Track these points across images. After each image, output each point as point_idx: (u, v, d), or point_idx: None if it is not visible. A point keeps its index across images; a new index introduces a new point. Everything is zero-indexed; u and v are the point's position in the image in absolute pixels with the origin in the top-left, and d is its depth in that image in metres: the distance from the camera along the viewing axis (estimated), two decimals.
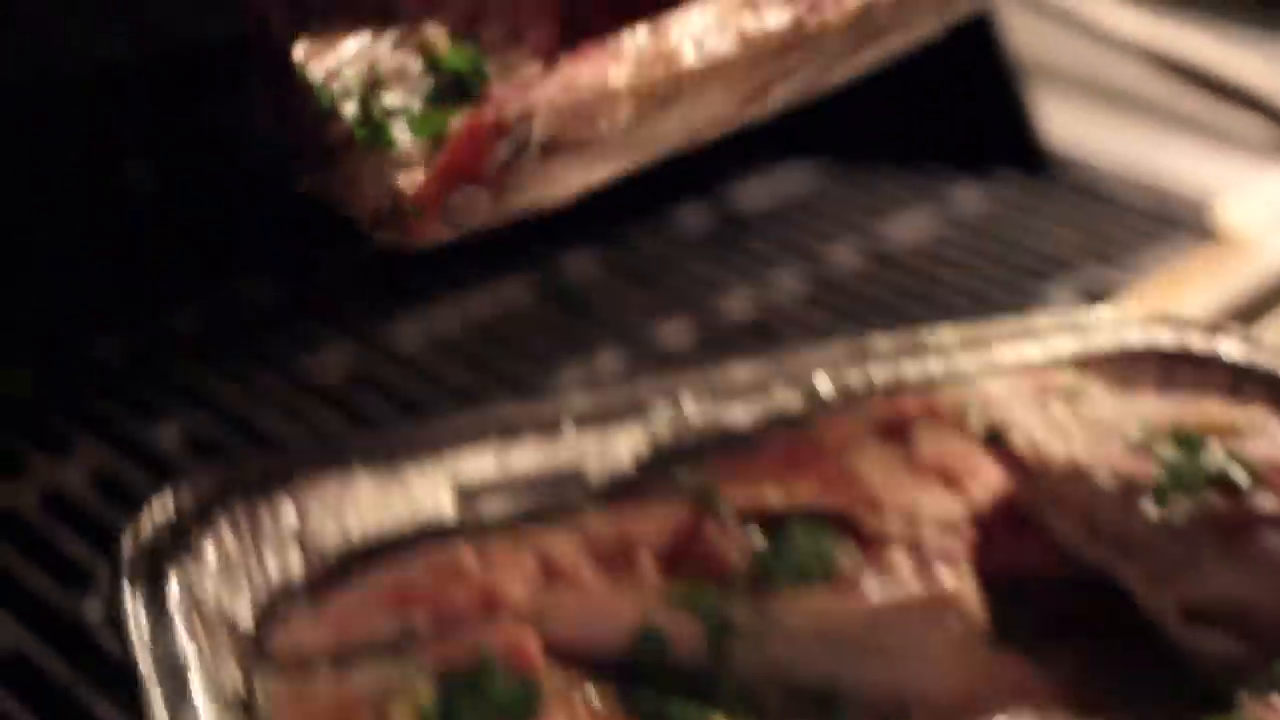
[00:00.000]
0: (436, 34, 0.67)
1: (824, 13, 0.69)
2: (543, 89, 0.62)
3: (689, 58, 0.65)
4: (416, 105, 0.65)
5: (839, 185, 1.33)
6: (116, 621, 0.67)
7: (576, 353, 1.10)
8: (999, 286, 1.21)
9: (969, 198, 1.33)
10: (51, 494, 0.99)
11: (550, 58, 0.70)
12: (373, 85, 0.64)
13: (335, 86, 0.63)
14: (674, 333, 1.14)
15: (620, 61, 0.64)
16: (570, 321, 1.14)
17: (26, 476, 1.00)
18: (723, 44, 0.66)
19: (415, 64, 0.66)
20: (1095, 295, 1.17)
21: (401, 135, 0.63)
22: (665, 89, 0.65)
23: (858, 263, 1.24)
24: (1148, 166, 1.35)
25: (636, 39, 0.65)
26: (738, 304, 1.17)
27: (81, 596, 0.90)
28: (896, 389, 0.79)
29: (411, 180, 0.61)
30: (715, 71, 0.66)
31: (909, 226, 1.29)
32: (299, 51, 0.64)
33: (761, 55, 0.68)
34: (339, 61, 0.64)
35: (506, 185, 0.61)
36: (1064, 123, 1.37)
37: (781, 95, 0.73)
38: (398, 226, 0.62)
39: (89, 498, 0.99)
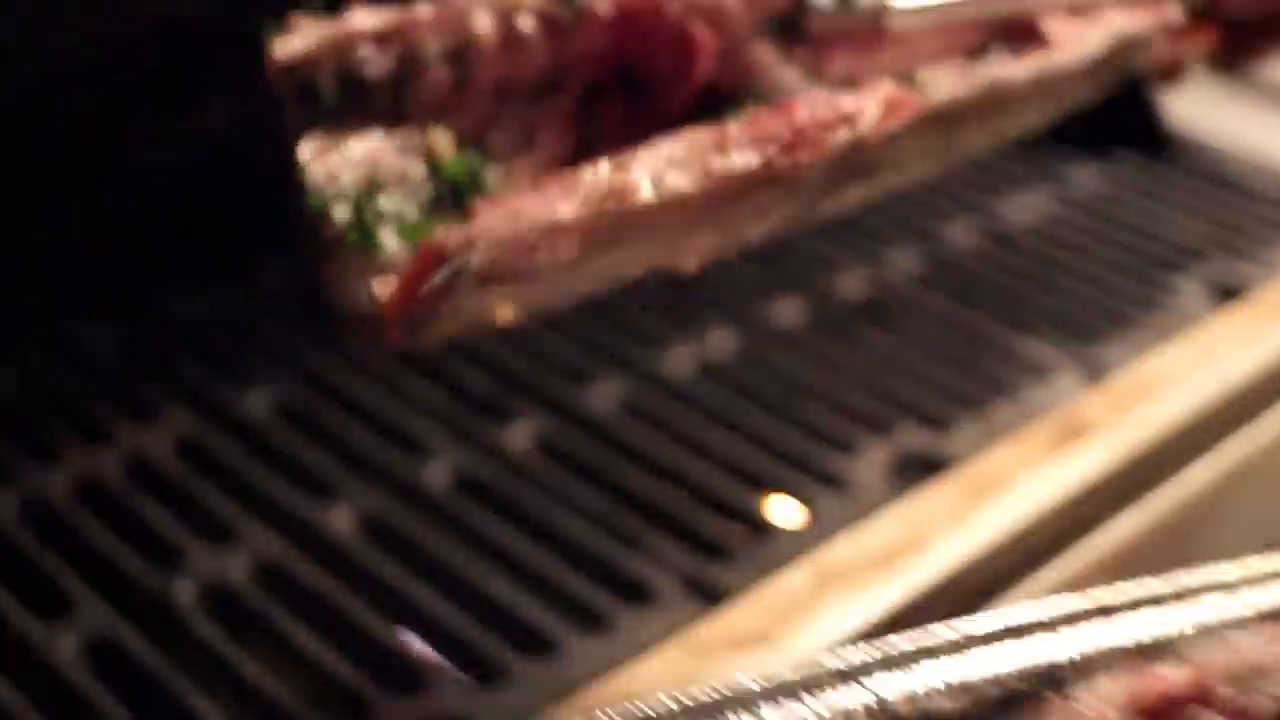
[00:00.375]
0: (443, 139, 0.68)
1: (797, 155, 0.66)
2: (485, 219, 0.61)
3: (644, 193, 0.63)
4: (413, 210, 0.67)
5: None
6: None
7: (687, 330, 1.05)
8: (1121, 273, 1.15)
9: (1087, 178, 1.27)
10: (137, 463, 0.94)
11: (562, 164, 0.71)
12: (371, 189, 0.66)
13: (332, 190, 0.65)
14: (787, 312, 1.08)
15: (570, 196, 0.62)
16: (680, 299, 1.09)
17: (111, 444, 0.95)
18: (682, 181, 0.64)
19: (418, 168, 0.68)
20: (1228, 290, 1.11)
21: (389, 241, 0.64)
22: (615, 224, 0.63)
23: (974, 242, 1.18)
24: (1274, 151, 1.28)
25: (597, 172, 0.63)
26: (852, 283, 1.12)
27: (171, 576, 0.85)
28: (1144, 652, 0.62)
29: (387, 287, 0.61)
30: (671, 207, 0.64)
31: (1026, 206, 1.23)
32: (305, 150, 0.66)
33: (725, 192, 0.65)
34: (342, 162, 0.66)
35: (441, 310, 0.61)
36: (1186, 103, 1.31)
37: (758, 230, 0.72)
38: (371, 331, 0.62)
39: (176, 467, 0.94)
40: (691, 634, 0.81)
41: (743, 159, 0.65)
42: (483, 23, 0.71)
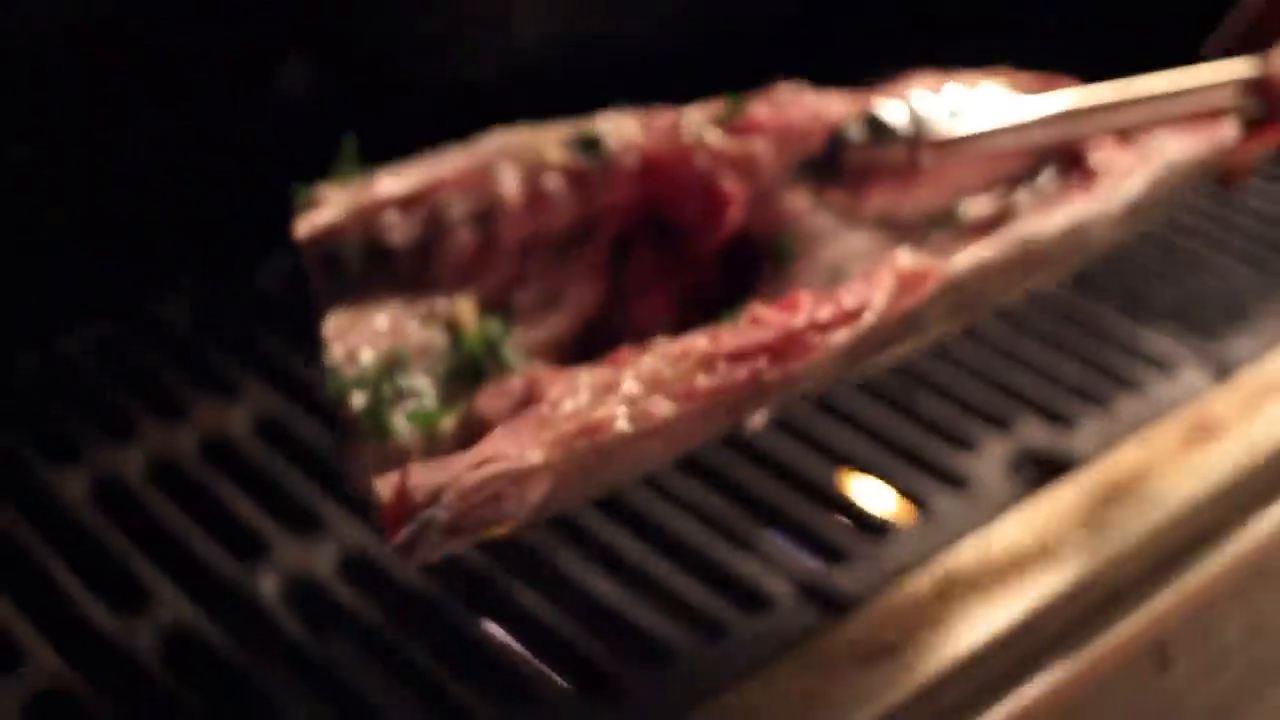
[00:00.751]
0: (466, 308, 0.67)
1: (789, 364, 0.63)
2: (454, 466, 0.58)
3: (621, 426, 0.60)
4: (430, 387, 0.65)
5: None
6: None
7: None
8: (1244, 261, 1.09)
9: None
10: (214, 441, 0.89)
11: (591, 319, 0.72)
12: (391, 364, 0.65)
13: (351, 370, 0.64)
14: None
15: (540, 437, 0.59)
16: None
17: (187, 420, 0.90)
18: (662, 408, 0.60)
19: (440, 338, 0.67)
20: None
21: (403, 428, 0.63)
22: (589, 461, 0.60)
23: None
24: None
25: (577, 400, 0.60)
26: None
27: (252, 566, 0.80)
28: None
29: (388, 485, 0.58)
30: (653, 433, 0.61)
31: None
32: (329, 326, 0.65)
33: (712, 409, 0.62)
34: (363, 338, 0.65)
35: (415, 551, 0.58)
36: None
37: (758, 416, 0.68)
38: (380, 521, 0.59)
39: (255, 447, 0.89)
40: (812, 645, 0.76)
41: (731, 374, 0.62)
42: (508, 182, 0.70)
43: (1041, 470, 0.88)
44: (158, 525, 0.83)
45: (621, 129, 0.73)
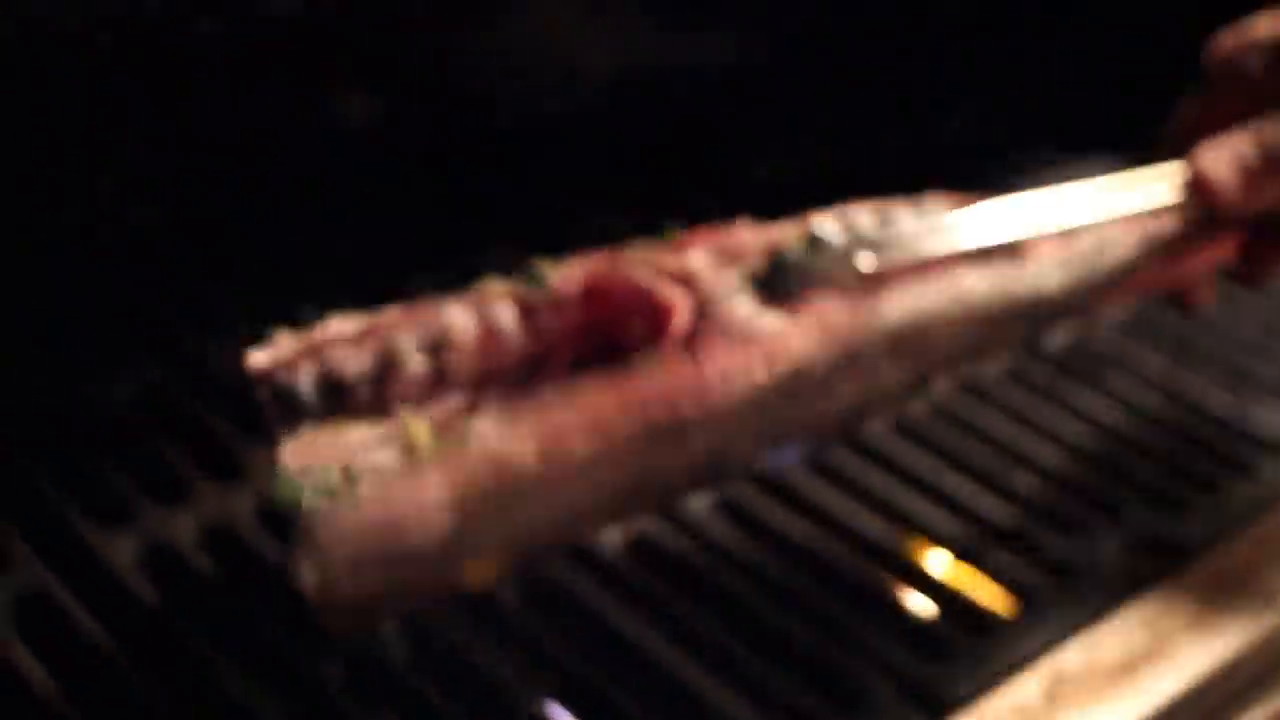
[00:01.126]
0: (420, 429, 0.67)
1: (708, 403, 0.65)
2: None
3: (526, 460, 0.62)
4: None
5: None
6: None
7: None
8: None
9: None
10: (270, 505, 0.84)
11: None
12: (346, 479, 0.65)
13: (306, 482, 0.64)
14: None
15: (441, 474, 0.62)
16: None
17: (242, 482, 0.85)
18: (576, 445, 0.63)
19: (394, 460, 0.67)
20: None
21: None
22: (497, 495, 0.62)
23: None
24: None
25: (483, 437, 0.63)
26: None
27: (320, 651, 0.75)
28: None
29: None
30: (564, 474, 0.63)
31: None
32: (286, 452, 0.65)
33: (629, 450, 0.64)
34: (318, 456, 0.65)
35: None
36: None
37: (679, 488, 0.70)
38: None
39: None
40: None
41: (647, 412, 0.63)
42: (459, 319, 0.70)
43: (1151, 560, 0.82)
44: (214, 597, 0.78)
45: (561, 265, 0.74)
